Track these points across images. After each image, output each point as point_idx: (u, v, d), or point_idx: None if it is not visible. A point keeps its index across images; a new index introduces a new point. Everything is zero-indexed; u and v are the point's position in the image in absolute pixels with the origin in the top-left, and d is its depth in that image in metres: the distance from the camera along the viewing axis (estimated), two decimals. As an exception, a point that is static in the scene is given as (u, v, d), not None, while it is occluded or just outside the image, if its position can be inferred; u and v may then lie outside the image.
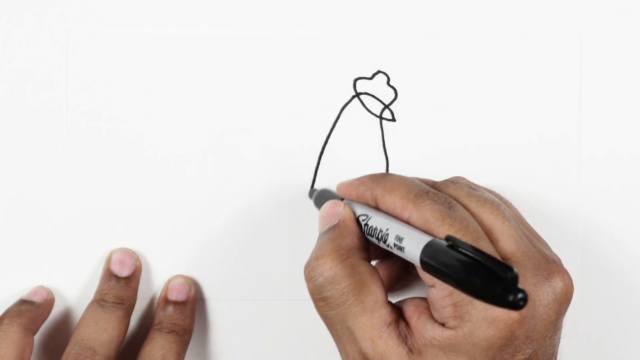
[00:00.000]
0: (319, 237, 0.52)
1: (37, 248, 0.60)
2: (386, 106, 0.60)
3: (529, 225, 0.54)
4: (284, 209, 0.60)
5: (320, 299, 0.50)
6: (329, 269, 0.50)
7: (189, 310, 0.59)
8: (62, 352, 0.57)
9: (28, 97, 0.59)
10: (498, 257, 0.48)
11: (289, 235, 0.60)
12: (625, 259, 0.60)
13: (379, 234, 0.50)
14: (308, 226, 0.59)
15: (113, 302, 0.58)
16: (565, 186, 0.60)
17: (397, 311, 0.50)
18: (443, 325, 0.48)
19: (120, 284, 0.59)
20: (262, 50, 0.59)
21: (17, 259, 0.60)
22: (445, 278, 0.44)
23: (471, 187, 0.52)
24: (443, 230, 0.48)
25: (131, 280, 0.59)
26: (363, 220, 0.52)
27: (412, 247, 0.47)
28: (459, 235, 0.47)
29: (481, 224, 0.50)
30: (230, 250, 0.60)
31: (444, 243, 0.45)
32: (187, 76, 0.59)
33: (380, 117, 0.60)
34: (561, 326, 0.50)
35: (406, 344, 0.48)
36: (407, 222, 0.49)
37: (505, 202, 0.54)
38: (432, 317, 0.49)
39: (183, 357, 0.58)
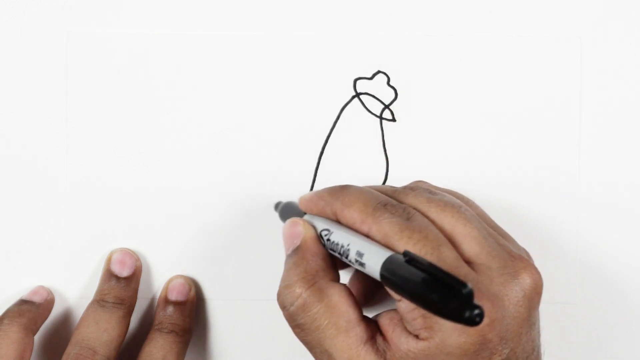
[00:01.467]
0: (285, 261, 0.52)
1: (37, 248, 0.60)
2: (386, 106, 0.60)
3: (493, 222, 0.53)
4: (284, 209, 0.60)
5: (295, 326, 0.51)
6: (298, 296, 0.50)
7: (188, 311, 0.59)
8: (62, 352, 0.57)
9: (28, 97, 0.59)
10: (462, 265, 0.48)
11: (289, 235, 0.60)
12: (625, 260, 0.60)
13: (340, 249, 0.50)
14: (308, 226, 0.60)
15: (113, 302, 0.58)
16: (565, 186, 0.60)
17: (374, 326, 0.50)
18: (417, 336, 0.48)
19: (120, 284, 0.59)
20: (262, 50, 0.59)
21: (17, 259, 0.60)
22: (404, 293, 0.44)
23: (431, 192, 0.51)
24: (402, 243, 0.48)
25: (131, 281, 0.59)
26: (325, 236, 0.52)
27: (372, 262, 0.47)
28: (418, 246, 0.47)
29: (442, 229, 0.49)
30: (230, 250, 0.60)
31: (402, 258, 0.45)
32: (187, 76, 0.59)
33: (380, 117, 0.60)
34: (536, 320, 0.49)
35: (385, 358, 0.49)
36: (367, 236, 0.49)
37: (467, 201, 0.54)
38: (406, 329, 0.49)
39: (183, 357, 0.58)
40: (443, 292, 0.42)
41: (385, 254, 0.47)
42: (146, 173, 0.60)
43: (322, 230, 0.52)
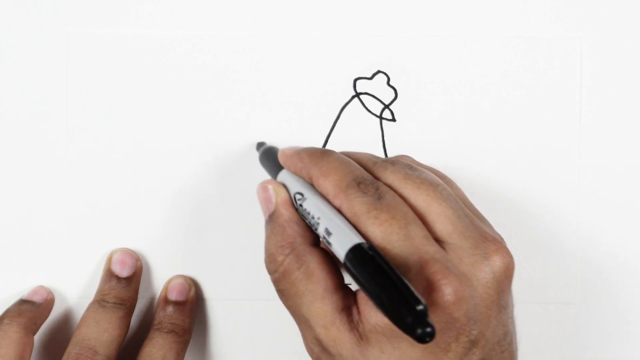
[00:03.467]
0: (264, 227, 0.52)
1: (37, 248, 0.60)
2: (386, 106, 0.60)
3: (472, 205, 0.53)
4: (284, 209, 0.60)
5: (278, 291, 0.51)
6: (280, 264, 0.50)
7: (188, 311, 0.59)
8: (62, 352, 0.57)
9: (28, 97, 0.59)
10: (430, 243, 0.47)
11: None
12: (625, 260, 0.60)
13: (311, 219, 0.50)
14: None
15: (114, 303, 0.58)
16: (566, 186, 0.60)
17: (352, 297, 0.50)
18: None
19: (121, 284, 0.59)
20: (262, 50, 0.59)
21: (17, 259, 0.60)
22: (363, 289, 0.44)
23: (410, 168, 0.51)
24: (369, 224, 0.47)
25: (132, 281, 0.59)
26: (298, 200, 0.51)
27: (338, 246, 0.47)
28: (384, 227, 0.47)
29: (417, 207, 0.49)
30: (230, 250, 0.60)
31: (368, 253, 0.45)
32: (187, 76, 0.59)
33: (380, 117, 0.60)
34: (507, 304, 0.49)
35: (357, 330, 0.48)
36: (339, 210, 0.49)
37: (449, 181, 0.53)
38: None
39: (183, 357, 0.58)
40: (399, 302, 0.42)
41: (351, 241, 0.46)
42: (146, 173, 0.60)
43: (295, 194, 0.52)
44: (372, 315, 0.48)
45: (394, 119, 0.60)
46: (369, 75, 0.60)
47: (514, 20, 0.59)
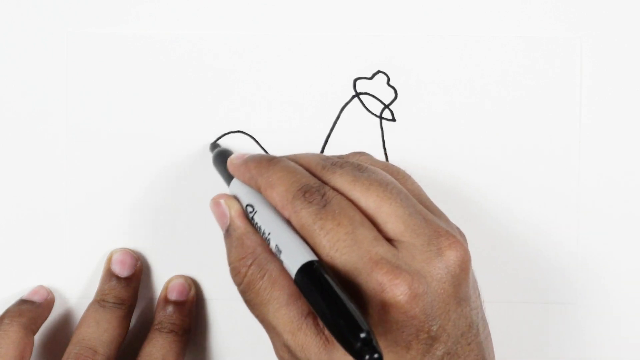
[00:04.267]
0: (224, 240, 0.52)
1: (37, 248, 0.60)
2: (386, 106, 0.60)
3: (428, 199, 0.52)
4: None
5: (246, 302, 0.51)
6: (243, 276, 0.50)
7: (188, 311, 0.59)
8: (62, 352, 0.57)
9: (28, 97, 0.59)
10: (380, 244, 0.47)
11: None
12: (625, 261, 0.60)
13: (262, 233, 0.50)
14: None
15: (114, 303, 0.58)
16: (565, 186, 0.60)
17: None
18: None
19: (121, 284, 0.59)
20: (262, 50, 0.59)
21: (17, 259, 0.60)
22: (314, 310, 0.45)
23: (359, 169, 0.50)
24: (315, 234, 0.47)
25: (132, 281, 0.59)
26: (250, 213, 0.51)
27: (289, 263, 0.48)
28: (330, 235, 0.47)
29: (366, 209, 0.49)
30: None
31: (315, 273, 0.45)
32: (187, 76, 0.59)
33: (380, 117, 0.60)
34: (468, 297, 0.49)
35: (324, 333, 0.48)
36: (289, 221, 0.49)
37: (403, 176, 0.53)
38: None
39: (183, 357, 0.58)
40: (345, 328, 0.42)
41: (299, 261, 0.47)
42: (146, 173, 0.60)
43: (246, 205, 0.51)
44: None
45: (394, 119, 0.60)
46: (369, 75, 0.60)
47: (514, 20, 0.59)
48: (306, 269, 0.46)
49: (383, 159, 0.60)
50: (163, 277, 0.60)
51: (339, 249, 0.47)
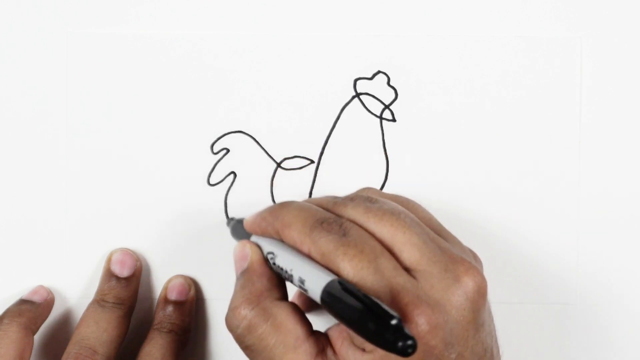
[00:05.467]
0: (235, 283, 0.53)
1: (37, 248, 0.60)
2: (386, 106, 0.60)
3: (440, 225, 0.53)
4: (284, 209, 0.60)
5: (245, 347, 0.51)
6: (244, 318, 0.50)
7: (188, 310, 0.59)
8: (62, 352, 0.57)
9: (28, 97, 0.59)
10: (400, 274, 0.48)
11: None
12: (625, 261, 0.60)
13: (285, 274, 0.51)
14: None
15: (113, 303, 0.58)
16: (565, 186, 0.60)
17: (324, 339, 0.50)
18: (363, 349, 0.48)
19: (120, 284, 0.59)
20: (262, 50, 0.59)
21: (17, 259, 0.60)
22: (342, 321, 0.45)
23: (370, 201, 0.51)
24: (338, 260, 0.48)
25: (131, 281, 0.59)
26: (271, 259, 0.52)
27: (313, 288, 0.48)
28: (354, 262, 0.47)
29: (382, 239, 0.49)
30: (230, 250, 0.60)
31: (340, 287, 0.46)
32: (187, 76, 0.59)
33: (381, 118, 0.60)
34: (484, 322, 0.49)
35: None
36: (308, 256, 0.50)
37: (413, 206, 0.54)
38: (353, 343, 0.49)
39: (182, 357, 0.58)
40: (377, 322, 0.43)
41: (324, 281, 0.47)
42: (146, 173, 0.60)
43: (267, 253, 0.52)
44: (349, 354, 0.48)
45: (394, 119, 0.60)
46: (369, 76, 0.60)
47: (514, 20, 0.59)
48: (330, 286, 0.47)
49: (383, 159, 0.60)
50: (163, 277, 0.60)
51: (363, 276, 0.47)
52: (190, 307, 0.59)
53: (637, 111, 0.60)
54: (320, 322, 0.55)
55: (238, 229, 0.56)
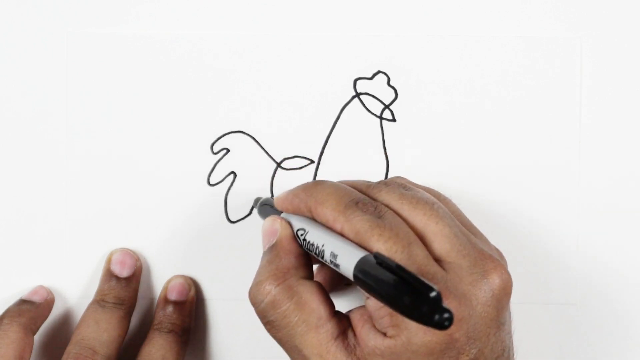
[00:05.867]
0: (261, 258, 0.53)
1: (37, 248, 0.60)
2: (386, 106, 0.60)
3: (469, 221, 0.53)
4: (284, 209, 0.60)
5: (267, 322, 0.51)
6: (268, 293, 0.50)
7: (188, 311, 0.59)
8: (62, 352, 0.57)
9: (28, 97, 0.59)
10: (431, 264, 0.48)
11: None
12: (625, 261, 0.60)
13: (316, 249, 0.50)
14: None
15: (113, 303, 0.58)
16: (565, 186, 0.60)
17: (346, 321, 0.50)
18: (384, 334, 0.48)
19: (120, 285, 0.59)
20: (262, 50, 0.59)
21: (17, 259, 0.60)
22: (376, 295, 0.45)
23: (405, 188, 0.51)
24: (373, 240, 0.48)
25: (131, 281, 0.59)
26: (301, 235, 0.52)
27: (346, 263, 0.47)
28: (389, 244, 0.47)
29: (414, 226, 0.49)
30: (230, 250, 0.60)
31: (375, 261, 0.45)
32: (187, 76, 0.59)
33: (381, 118, 0.60)
34: (505, 321, 0.49)
35: (355, 354, 0.49)
36: (341, 234, 0.49)
37: (444, 199, 0.53)
38: (374, 327, 0.49)
39: (182, 357, 0.58)
40: (413, 295, 0.42)
41: (357, 255, 0.47)
42: (146, 173, 0.60)
43: (297, 230, 0.52)
44: (370, 338, 0.48)
45: (394, 119, 0.60)
46: (369, 76, 0.60)
47: (514, 20, 0.59)
48: (365, 260, 0.46)
49: (383, 159, 0.60)
50: (163, 277, 0.60)
51: (396, 259, 0.47)
52: (191, 307, 0.59)
53: (637, 111, 0.60)
54: (341, 304, 0.54)
55: (266, 208, 0.56)
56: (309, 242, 0.51)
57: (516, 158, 0.60)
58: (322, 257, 0.50)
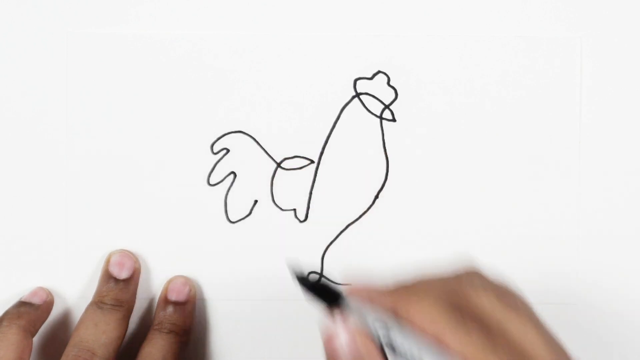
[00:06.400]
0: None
1: (37, 248, 0.60)
2: (386, 106, 0.60)
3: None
4: (284, 209, 0.60)
5: None
6: None
7: (188, 311, 0.59)
8: (61, 354, 0.57)
9: (28, 97, 0.59)
10: None
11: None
12: (625, 261, 0.60)
13: (405, 353, 0.45)
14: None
15: (112, 304, 0.58)
16: (566, 186, 0.60)
17: None
18: None
19: (119, 286, 0.59)
20: (262, 50, 0.59)
21: (17, 259, 0.60)
22: None
23: (499, 294, 0.47)
24: None
25: (130, 282, 0.59)
26: (383, 337, 0.45)
27: None
28: None
29: (512, 333, 0.46)
30: (230, 250, 0.60)
31: None
32: (187, 76, 0.59)
33: (381, 118, 0.60)
34: None
35: None
36: (438, 341, 0.45)
37: (522, 300, 0.50)
38: None
39: (183, 357, 0.58)
40: None
41: None
42: (146, 174, 0.60)
43: (379, 330, 0.46)
44: None
45: (394, 119, 0.60)
46: (369, 76, 0.60)
47: (514, 20, 0.59)
48: None
49: (383, 159, 0.60)
50: (163, 277, 0.60)
51: None
52: (191, 308, 0.59)
53: (637, 111, 0.60)
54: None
55: (320, 292, 0.48)
56: (396, 347, 0.45)
57: (516, 158, 0.60)
58: None
